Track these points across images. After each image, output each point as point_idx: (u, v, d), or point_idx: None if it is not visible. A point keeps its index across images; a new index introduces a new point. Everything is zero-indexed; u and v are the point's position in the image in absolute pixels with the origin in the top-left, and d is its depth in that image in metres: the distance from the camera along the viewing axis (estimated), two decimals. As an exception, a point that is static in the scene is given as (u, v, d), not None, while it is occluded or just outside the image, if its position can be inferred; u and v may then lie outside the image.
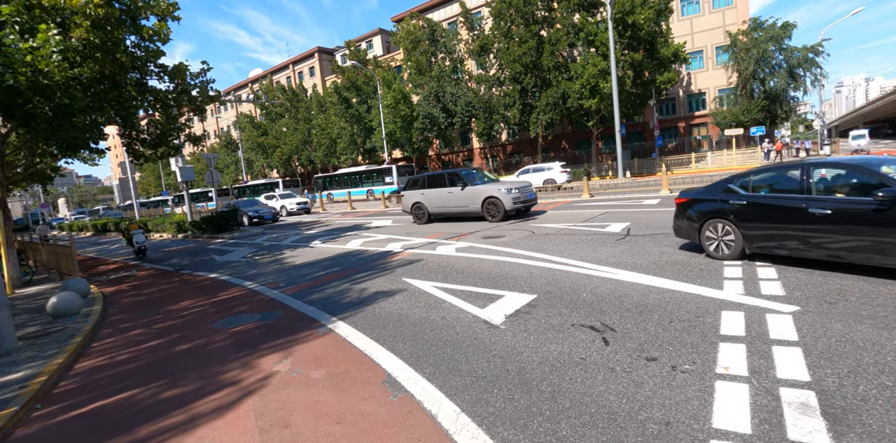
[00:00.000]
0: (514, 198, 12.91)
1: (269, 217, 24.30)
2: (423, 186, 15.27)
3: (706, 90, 36.44)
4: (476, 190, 13.60)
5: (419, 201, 15.20)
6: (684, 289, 5.27)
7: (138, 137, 13.67)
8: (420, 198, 15.18)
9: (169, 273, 11.99)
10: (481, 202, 13.40)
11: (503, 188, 13.05)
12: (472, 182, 14.01)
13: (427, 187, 15.04)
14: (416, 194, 15.34)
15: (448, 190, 14.30)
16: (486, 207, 13.31)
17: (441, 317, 5.37)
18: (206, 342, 5.67)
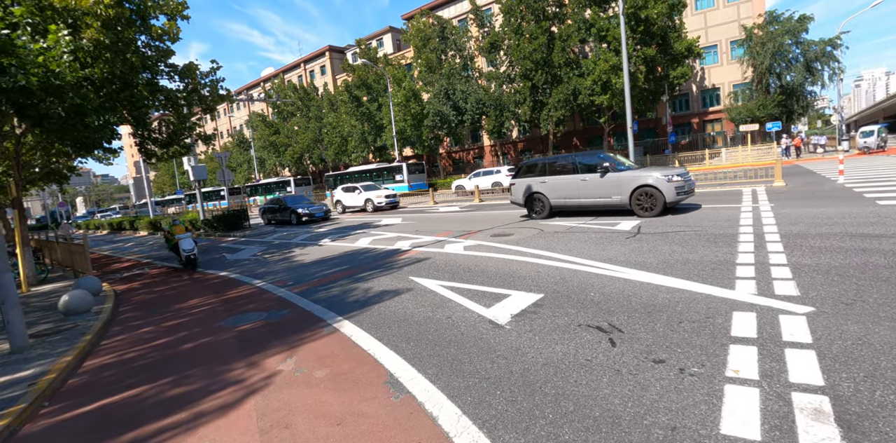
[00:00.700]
0: (678, 187, 10.43)
1: (321, 215, 21.23)
2: (542, 172, 12.72)
3: (720, 85, 35.83)
4: (623, 177, 11.01)
5: (539, 191, 12.66)
6: (695, 288, 5.15)
7: (150, 136, 13.78)
8: (540, 187, 12.63)
9: (178, 271, 12.10)
10: (630, 192, 10.85)
11: (660, 174, 10.54)
12: (616, 167, 11.38)
13: (549, 174, 12.48)
14: (534, 183, 12.80)
15: (581, 177, 11.74)
16: (637, 199, 10.79)
17: (446, 316, 5.32)
18: (213, 341, 5.68)
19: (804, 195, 11.79)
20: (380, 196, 23.86)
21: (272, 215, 22.78)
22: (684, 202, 12.31)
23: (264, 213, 23.46)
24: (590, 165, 11.81)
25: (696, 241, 7.61)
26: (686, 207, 11.79)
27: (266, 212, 23.32)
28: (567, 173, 12.18)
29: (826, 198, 10.88)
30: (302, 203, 21.94)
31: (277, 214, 22.31)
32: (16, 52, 8.93)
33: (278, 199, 22.91)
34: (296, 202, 21.99)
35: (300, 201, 22.33)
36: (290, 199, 22.61)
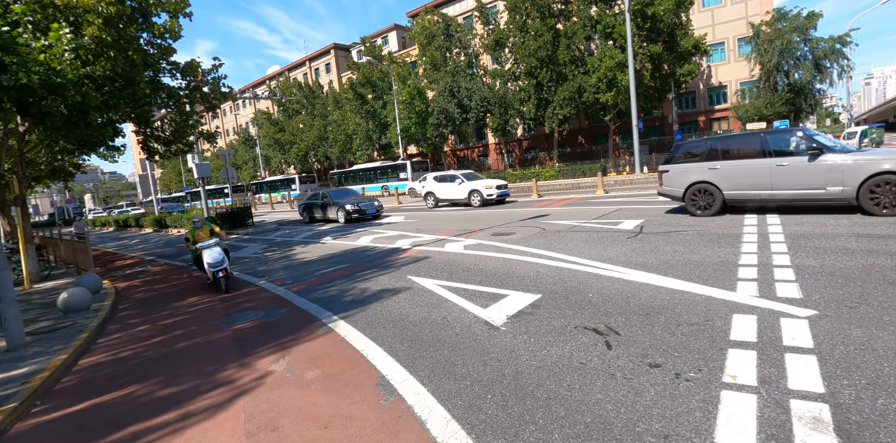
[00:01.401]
0: None
1: (372, 212, 17.85)
2: (710, 156, 9.88)
3: (727, 83, 35.48)
4: (847, 161, 8.08)
5: (706, 181, 9.84)
6: (695, 290, 5.05)
7: (153, 134, 13.80)
8: (709, 175, 9.81)
9: (181, 269, 12.11)
10: (860, 182, 7.96)
11: None
12: (830, 148, 8.42)
13: (721, 158, 9.73)
14: (700, 170, 9.95)
15: (775, 161, 8.84)
16: (872, 192, 7.91)
17: (442, 317, 5.25)
18: (208, 340, 5.65)
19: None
20: (489, 187, 18.63)
21: (313, 213, 19.88)
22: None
23: (305, 209, 20.54)
24: (786, 145, 8.97)
25: (699, 241, 7.50)
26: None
27: (307, 209, 20.36)
28: (750, 157, 9.32)
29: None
30: (349, 198, 18.73)
31: (320, 211, 19.40)
32: (17, 49, 8.94)
33: (322, 193, 19.51)
34: (342, 196, 18.91)
35: (347, 195, 19.19)
36: (334, 193, 19.27)
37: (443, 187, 20.69)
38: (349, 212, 17.61)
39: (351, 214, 17.62)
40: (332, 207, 18.52)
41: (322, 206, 19.17)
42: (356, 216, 17.68)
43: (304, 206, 20.59)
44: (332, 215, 18.63)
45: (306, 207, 20.44)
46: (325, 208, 19.05)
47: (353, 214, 17.62)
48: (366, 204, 17.97)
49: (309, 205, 20.23)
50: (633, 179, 24.20)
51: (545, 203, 16.91)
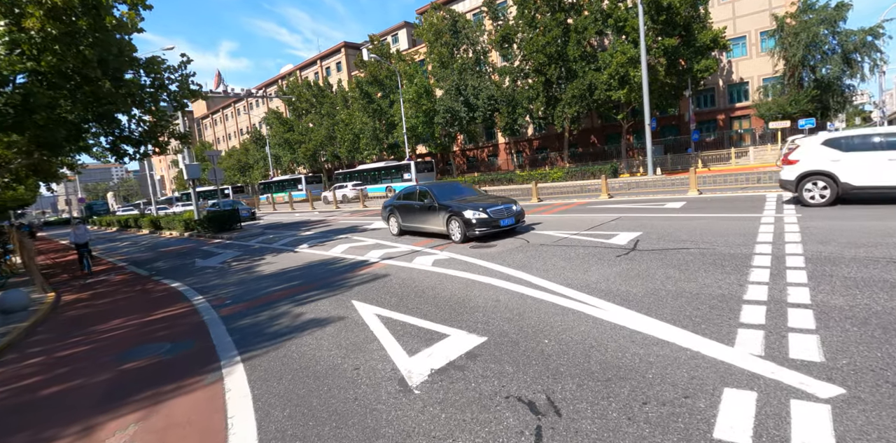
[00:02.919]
0: None
1: (509, 222, 10.20)
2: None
3: (749, 79, 33.51)
4: None
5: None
6: (680, 341, 3.84)
7: (121, 134, 13.00)
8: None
9: (141, 279, 11.24)
10: None
11: None
12: None
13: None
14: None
15: None
16: None
17: (354, 367, 4.14)
18: (84, 384, 4.65)
19: (838, 203, 10.15)
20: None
21: (408, 220, 11.94)
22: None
23: (391, 214, 12.58)
24: None
25: (699, 263, 6.23)
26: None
27: (395, 213, 12.35)
28: None
29: (866, 207, 9.25)
30: (464, 199, 10.87)
31: (417, 219, 11.52)
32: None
33: (420, 189, 11.65)
34: (451, 195, 11.09)
35: (460, 194, 11.31)
36: (439, 189, 11.37)
37: None
38: (471, 224, 9.75)
39: (474, 228, 9.75)
40: (438, 215, 10.58)
41: (421, 209, 11.23)
42: (482, 231, 9.85)
43: (391, 209, 12.57)
44: (438, 227, 10.68)
45: (394, 211, 12.42)
46: (424, 214, 11.12)
47: (477, 228, 9.76)
48: (497, 209, 10.01)
49: (398, 208, 12.24)
50: (644, 180, 22.72)
51: (543, 208, 15.66)
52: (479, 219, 9.67)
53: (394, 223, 12.50)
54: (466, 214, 9.73)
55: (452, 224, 10.15)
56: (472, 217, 9.67)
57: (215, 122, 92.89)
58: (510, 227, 10.19)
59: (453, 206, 10.16)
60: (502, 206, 10.19)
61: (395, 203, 12.53)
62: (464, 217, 9.74)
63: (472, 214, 9.70)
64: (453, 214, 10.05)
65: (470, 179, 36.36)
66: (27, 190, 26.17)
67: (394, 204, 12.54)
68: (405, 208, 11.89)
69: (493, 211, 9.85)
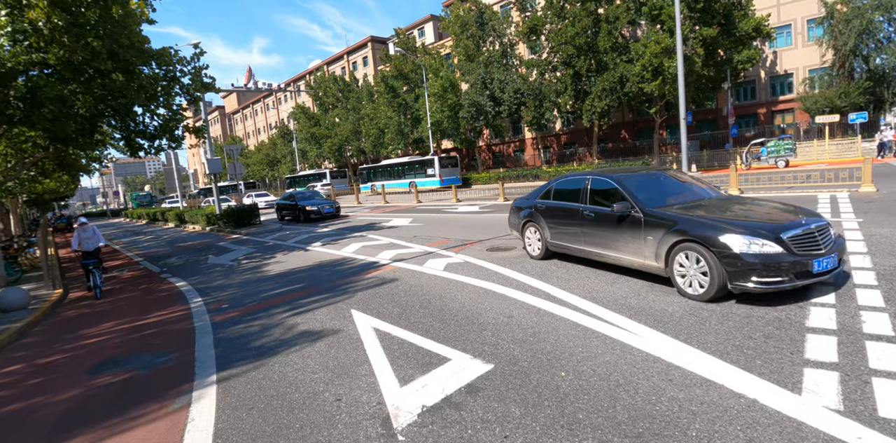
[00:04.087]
0: None
1: (823, 268, 4.51)
2: None
3: (794, 71, 31.44)
4: None
5: None
6: (730, 381, 3.10)
7: (136, 128, 12.78)
8: None
9: (149, 276, 11.01)
10: None
11: None
12: None
13: None
14: None
15: None
16: None
17: (336, 397, 3.55)
18: (43, 404, 4.21)
19: (904, 206, 9.02)
20: None
21: (568, 236, 6.82)
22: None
23: (534, 222, 7.51)
24: None
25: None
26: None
27: (542, 220, 7.32)
28: None
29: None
30: (706, 209, 5.41)
31: (591, 236, 6.27)
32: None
33: (599, 187, 6.31)
34: (662, 196, 5.94)
35: (678, 195, 6.04)
36: (637, 184, 6.03)
37: None
38: (740, 263, 4.49)
39: (749, 274, 4.44)
40: (642, 234, 5.43)
41: (598, 222, 6.15)
42: (771, 284, 4.39)
43: (532, 213, 7.61)
44: (639, 257, 5.54)
45: (537, 217, 7.49)
46: (607, 231, 6.00)
47: (759, 277, 4.41)
48: (803, 236, 4.66)
49: (547, 213, 7.31)
50: (677, 178, 21.46)
51: (569, 207, 14.81)
52: (761, 255, 4.40)
53: (535, 239, 7.48)
54: (730, 241, 4.53)
55: (682, 258, 4.91)
56: (744, 249, 4.46)
57: (245, 117, 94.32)
58: (824, 275, 4.54)
59: (683, 219, 5.01)
60: (809, 224, 4.76)
61: (539, 205, 7.33)
62: (723, 248, 4.53)
63: (744, 242, 4.49)
64: (687, 239, 4.83)
65: (494, 176, 35.55)
66: (58, 183, 26.64)
67: (537, 206, 7.37)
68: (561, 215, 6.80)
69: (795, 238, 4.54)
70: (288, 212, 21.25)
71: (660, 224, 5.13)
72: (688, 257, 4.84)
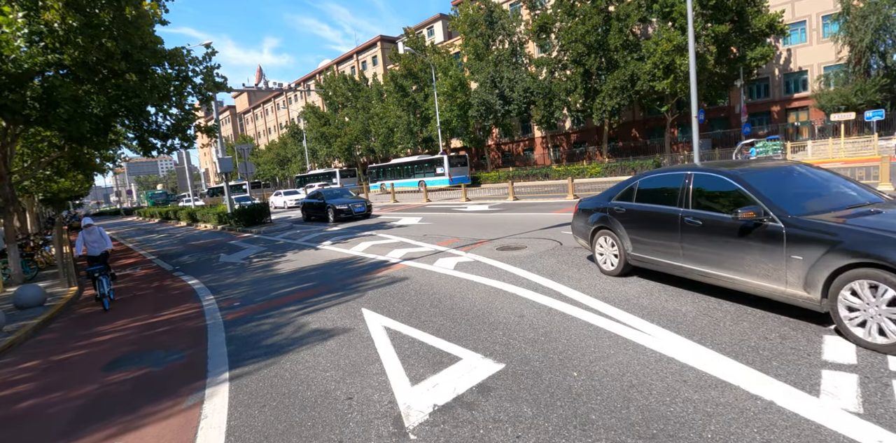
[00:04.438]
0: None
1: None
2: None
3: (808, 68, 30.97)
4: None
5: None
6: (746, 382, 3.06)
7: (149, 128, 12.92)
8: None
9: (162, 274, 11.12)
10: None
11: None
12: None
13: None
14: None
15: None
16: None
17: (347, 395, 3.56)
18: (60, 400, 4.27)
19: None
20: None
21: (658, 246, 5.32)
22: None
23: (611, 227, 6.04)
24: None
25: (761, 276, 5.31)
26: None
27: (619, 225, 5.88)
28: None
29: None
30: None
31: (693, 248, 4.78)
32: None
33: (704, 185, 4.88)
34: (805, 197, 4.43)
35: (821, 197, 4.49)
36: (764, 179, 4.60)
37: None
38: None
39: None
40: (779, 252, 3.97)
41: (704, 230, 4.66)
42: None
43: (605, 217, 6.18)
44: (774, 283, 3.99)
45: (613, 222, 6.04)
46: (718, 243, 4.50)
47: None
48: None
49: (628, 217, 5.85)
50: (689, 177, 21.25)
51: (579, 206, 14.71)
52: None
53: (609, 251, 6.07)
54: None
55: (857, 289, 3.44)
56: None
57: (256, 116, 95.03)
58: None
59: (856, 232, 3.53)
60: None
61: (616, 208, 5.92)
62: None
63: None
64: (867, 262, 3.35)
65: (504, 175, 35.47)
66: (72, 182, 27.03)
67: (613, 209, 5.97)
68: (650, 222, 5.42)
69: None
70: (314, 212, 19.48)
71: (813, 239, 3.65)
72: (867, 290, 3.33)
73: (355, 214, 17.73)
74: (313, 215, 19.63)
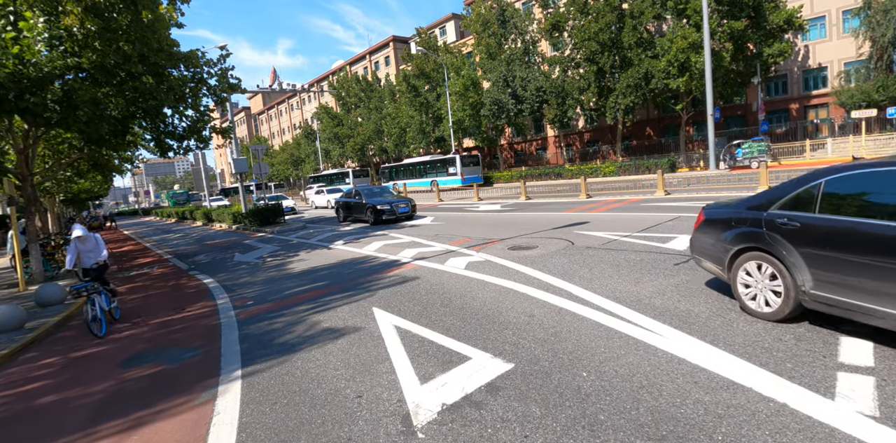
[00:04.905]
0: None
1: None
2: None
3: (828, 64, 30.30)
4: None
5: None
6: (758, 384, 3.01)
7: (165, 129, 13.14)
8: None
9: (178, 273, 11.30)
10: None
11: None
12: None
13: None
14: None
15: None
16: None
17: (357, 393, 3.59)
18: (79, 395, 4.37)
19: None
20: None
21: None
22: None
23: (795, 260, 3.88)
24: None
25: (777, 276, 5.22)
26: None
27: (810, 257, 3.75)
28: None
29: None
30: None
31: None
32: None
33: None
34: None
35: None
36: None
37: None
38: None
39: None
40: None
41: None
42: None
43: (792, 238, 3.87)
44: None
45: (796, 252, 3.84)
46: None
47: None
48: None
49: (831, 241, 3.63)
50: (706, 175, 21.03)
51: (592, 205, 14.62)
52: None
53: (767, 284, 4.07)
54: None
55: None
56: None
57: (270, 117, 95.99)
58: None
59: None
60: None
61: (782, 221, 3.95)
62: None
63: None
64: None
65: (516, 174, 35.35)
66: (92, 183, 27.61)
67: (776, 223, 4.01)
68: (852, 242, 3.40)
69: None
70: (351, 212, 18.02)
71: None
72: None
73: (399, 215, 16.00)
74: (349, 216, 18.35)
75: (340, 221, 18.84)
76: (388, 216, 15.84)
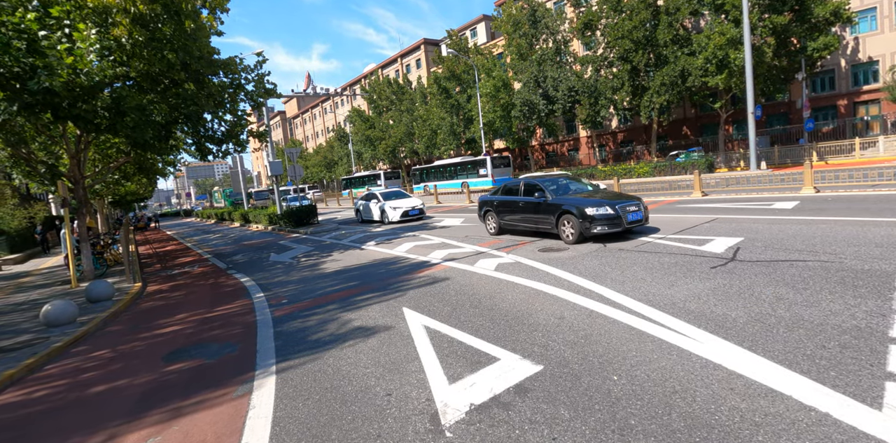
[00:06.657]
0: None
1: None
2: None
3: (879, 58, 28.69)
4: None
5: None
6: (799, 392, 2.90)
7: (205, 134, 13.67)
8: None
9: (217, 272, 11.72)
10: None
11: None
12: None
13: None
14: None
15: None
16: None
17: (386, 392, 3.64)
18: (126, 386, 4.60)
19: None
20: None
21: None
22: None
23: None
24: None
25: (822, 281, 5.01)
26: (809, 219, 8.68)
27: None
28: None
29: None
30: None
31: None
32: (43, 52, 8.76)
33: None
34: None
35: None
36: None
37: None
38: None
39: None
40: None
41: None
42: None
43: None
44: None
45: None
46: None
47: None
48: None
49: None
50: (746, 176, 20.27)
51: (625, 207, 14.31)
52: None
53: None
54: None
55: None
56: None
57: (305, 121, 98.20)
58: None
59: None
60: None
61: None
62: None
63: None
64: None
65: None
66: (138, 185, 28.94)
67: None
68: None
69: None
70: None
71: None
72: None
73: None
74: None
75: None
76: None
